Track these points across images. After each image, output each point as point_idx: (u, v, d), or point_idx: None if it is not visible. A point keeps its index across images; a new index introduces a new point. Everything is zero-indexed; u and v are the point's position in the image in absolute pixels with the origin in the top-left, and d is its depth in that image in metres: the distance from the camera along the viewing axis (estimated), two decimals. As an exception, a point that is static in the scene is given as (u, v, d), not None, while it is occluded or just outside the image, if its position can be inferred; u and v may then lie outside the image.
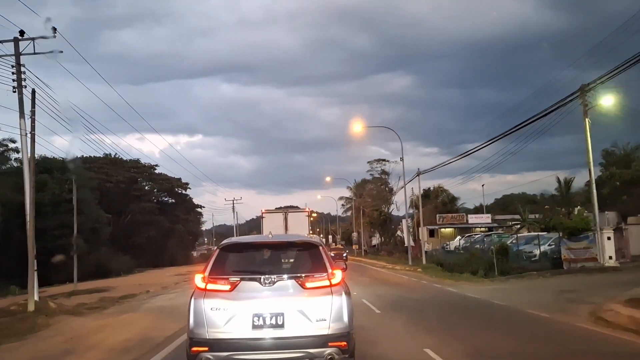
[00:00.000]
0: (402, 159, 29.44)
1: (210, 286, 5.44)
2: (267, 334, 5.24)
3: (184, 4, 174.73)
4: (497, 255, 24.15)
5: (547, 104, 22.85)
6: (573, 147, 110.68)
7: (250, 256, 6.06)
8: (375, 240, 72.78)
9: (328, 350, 5.21)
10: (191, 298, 5.50)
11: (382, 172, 60.18)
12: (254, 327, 5.24)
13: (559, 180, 40.58)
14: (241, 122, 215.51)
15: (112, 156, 55.63)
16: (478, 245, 31.09)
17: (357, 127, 29.08)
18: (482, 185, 58.89)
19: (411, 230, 31.68)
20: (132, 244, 55.85)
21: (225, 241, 6.33)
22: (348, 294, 5.58)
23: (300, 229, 23.79)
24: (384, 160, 60.18)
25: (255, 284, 5.39)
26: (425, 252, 39.39)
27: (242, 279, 5.42)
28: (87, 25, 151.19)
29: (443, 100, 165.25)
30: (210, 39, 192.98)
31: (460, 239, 38.17)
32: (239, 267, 5.71)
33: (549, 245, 23.67)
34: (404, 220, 33.96)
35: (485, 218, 46.77)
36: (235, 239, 7.13)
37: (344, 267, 6.35)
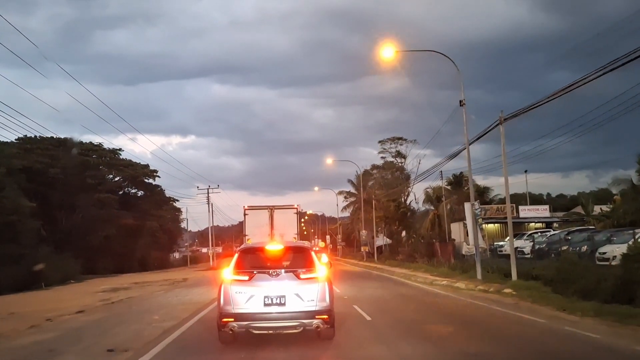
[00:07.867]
0: (462, 103, 18.54)
1: (234, 277, 8.13)
2: (274, 309, 7.86)
3: (176, 5, 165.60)
4: (634, 263, 13.90)
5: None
6: (565, 148, 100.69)
7: (261, 256, 8.73)
8: (380, 241, 61.61)
9: (315, 322, 7.85)
10: (221, 285, 8.12)
11: (396, 154, 48.83)
12: (265, 304, 7.88)
13: (641, 162, 30.38)
14: (234, 123, 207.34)
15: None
16: (565, 247, 20.66)
17: (389, 51, 18.00)
18: (525, 171, 48.59)
19: (480, 223, 20.64)
20: (86, 245, 45.17)
21: (242, 246, 9.95)
22: (330, 283, 8.32)
23: (288, 228, 21.61)
24: (399, 138, 48.79)
25: (266, 275, 8.09)
26: (464, 255, 29.27)
27: (256, 272, 8.14)
28: (80, 25, 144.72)
29: (438, 102, 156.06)
30: (203, 39, 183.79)
31: (523, 238, 27.50)
32: (254, 263, 8.45)
33: None
34: (467, 205, 22.04)
35: (542, 211, 36.22)
36: (250, 244, 10.28)
37: (330, 265, 9.54)
